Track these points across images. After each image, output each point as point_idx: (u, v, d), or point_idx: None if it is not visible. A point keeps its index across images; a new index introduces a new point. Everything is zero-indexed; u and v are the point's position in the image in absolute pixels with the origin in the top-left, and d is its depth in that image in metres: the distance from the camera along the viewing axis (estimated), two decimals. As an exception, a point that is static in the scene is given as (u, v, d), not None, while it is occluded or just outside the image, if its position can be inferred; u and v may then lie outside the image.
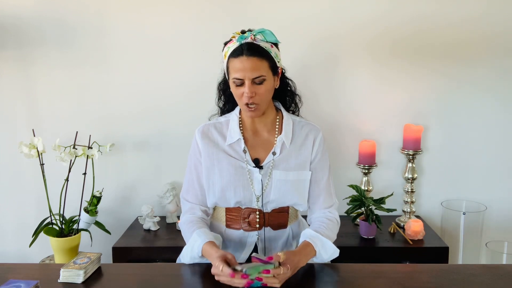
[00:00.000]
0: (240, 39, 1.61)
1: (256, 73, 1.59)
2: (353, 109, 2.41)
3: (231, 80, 1.63)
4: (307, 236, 1.62)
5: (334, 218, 1.73)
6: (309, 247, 1.58)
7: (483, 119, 2.41)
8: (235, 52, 1.61)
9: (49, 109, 2.43)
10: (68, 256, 2.12)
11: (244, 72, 1.58)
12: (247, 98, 1.60)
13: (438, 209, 2.44)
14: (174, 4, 2.33)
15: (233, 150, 1.71)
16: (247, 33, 1.63)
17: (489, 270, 1.56)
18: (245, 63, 1.58)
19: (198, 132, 1.75)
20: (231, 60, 1.62)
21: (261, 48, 1.61)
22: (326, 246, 1.61)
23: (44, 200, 2.20)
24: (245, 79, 1.59)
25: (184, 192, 1.77)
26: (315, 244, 1.59)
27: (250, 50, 1.59)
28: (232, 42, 1.64)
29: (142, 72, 2.39)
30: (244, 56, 1.59)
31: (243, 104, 1.64)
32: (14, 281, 1.38)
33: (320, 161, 1.73)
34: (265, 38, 1.63)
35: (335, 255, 1.63)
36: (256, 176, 1.68)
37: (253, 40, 1.61)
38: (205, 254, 1.55)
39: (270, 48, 1.63)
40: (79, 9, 2.34)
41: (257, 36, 1.63)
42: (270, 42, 1.64)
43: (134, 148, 2.45)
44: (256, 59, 1.59)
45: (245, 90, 1.59)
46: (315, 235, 1.61)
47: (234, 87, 1.63)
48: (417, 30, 2.33)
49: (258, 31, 1.63)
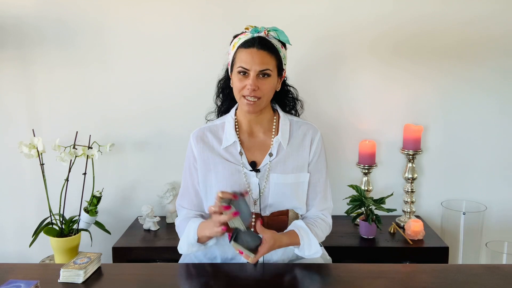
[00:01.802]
0: (253, 32, 1.63)
1: (263, 66, 1.59)
2: (353, 109, 2.41)
3: (236, 70, 1.62)
4: (296, 227, 1.63)
5: (327, 220, 1.73)
6: (295, 237, 1.59)
7: (483, 119, 2.41)
8: (246, 43, 1.61)
9: (49, 109, 2.43)
10: (68, 256, 2.12)
11: (252, 63, 1.58)
12: (249, 90, 1.59)
13: (438, 209, 2.44)
14: (174, 4, 2.33)
15: (229, 153, 1.70)
16: (260, 28, 1.65)
17: (489, 270, 1.56)
18: (254, 55, 1.59)
19: (193, 137, 1.73)
20: (240, 50, 1.62)
21: (272, 45, 1.62)
22: (312, 243, 1.61)
23: (44, 200, 2.20)
24: (251, 70, 1.59)
25: (179, 199, 1.77)
26: (301, 237, 1.60)
27: (261, 44, 1.60)
28: (244, 34, 1.65)
29: (142, 72, 2.39)
30: (255, 48, 1.59)
31: (243, 97, 1.62)
32: (14, 281, 1.38)
33: (317, 162, 1.72)
34: (278, 36, 1.64)
35: (316, 255, 1.63)
36: (253, 180, 1.67)
37: (266, 36, 1.63)
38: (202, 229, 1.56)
39: (280, 48, 1.65)
40: (79, 9, 2.34)
41: (271, 33, 1.65)
42: (281, 42, 1.66)
43: (134, 148, 2.45)
44: (266, 53, 1.60)
45: (249, 82, 1.59)
46: (304, 228, 1.62)
47: (237, 79, 1.62)
48: (418, 31, 2.33)
49: (272, 28, 1.65)
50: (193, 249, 1.61)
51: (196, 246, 1.60)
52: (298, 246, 1.61)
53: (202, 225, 1.58)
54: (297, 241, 1.60)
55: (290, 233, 1.61)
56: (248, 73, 1.60)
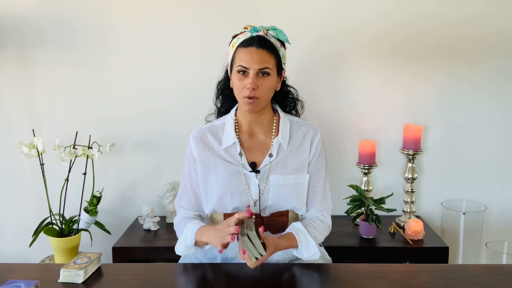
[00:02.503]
0: (252, 31, 1.63)
1: (263, 65, 1.59)
2: (353, 109, 2.41)
3: (235, 70, 1.62)
4: (294, 229, 1.62)
5: (326, 221, 1.72)
6: (293, 239, 1.58)
7: (483, 119, 2.41)
8: (245, 42, 1.61)
9: (49, 109, 2.43)
10: (68, 256, 2.12)
11: (251, 62, 1.58)
12: (249, 90, 1.58)
13: (438, 209, 2.44)
14: (174, 4, 2.33)
15: (229, 154, 1.69)
16: (259, 27, 1.65)
17: (489, 270, 1.56)
18: (253, 54, 1.59)
19: (192, 138, 1.73)
20: (240, 49, 1.61)
21: (271, 43, 1.62)
22: (310, 245, 1.60)
23: (44, 200, 2.20)
24: (251, 69, 1.58)
25: (178, 198, 1.77)
26: (299, 240, 1.59)
27: (260, 43, 1.60)
28: (243, 33, 1.65)
29: (142, 72, 2.39)
30: (254, 47, 1.59)
31: (243, 97, 1.62)
32: (14, 281, 1.38)
33: (316, 162, 1.71)
34: (277, 35, 1.64)
35: (314, 257, 1.62)
36: (253, 181, 1.66)
37: (265, 35, 1.63)
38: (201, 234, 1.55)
39: (279, 47, 1.65)
40: (79, 9, 2.34)
41: (270, 32, 1.65)
42: (280, 41, 1.65)
43: (134, 148, 2.45)
44: (265, 52, 1.60)
45: (248, 81, 1.58)
46: (302, 231, 1.61)
47: (237, 79, 1.62)
48: (418, 31, 2.33)
49: (271, 28, 1.65)
50: (190, 251, 1.62)
51: (193, 248, 1.60)
52: (296, 248, 1.60)
53: (202, 230, 1.57)
54: (295, 244, 1.59)
55: (288, 235, 1.60)
56: (247, 72, 1.59)
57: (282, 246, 1.56)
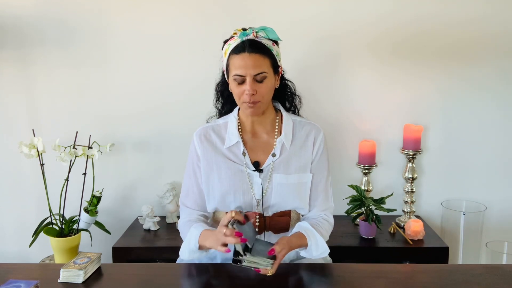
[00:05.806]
0: (242, 36, 1.59)
1: (258, 70, 1.57)
2: (353, 109, 2.41)
3: (232, 78, 1.61)
4: (302, 229, 1.61)
5: (330, 220, 1.72)
6: (302, 238, 1.58)
7: (483, 119, 2.41)
8: (236, 48, 1.59)
9: (49, 109, 2.43)
10: (68, 256, 2.12)
11: (246, 68, 1.56)
12: (248, 96, 1.57)
13: (438, 209, 2.44)
14: (174, 4, 2.33)
15: (232, 153, 1.69)
16: (249, 30, 1.62)
17: (489, 270, 1.56)
18: (247, 60, 1.56)
19: (196, 136, 1.72)
20: (232, 57, 1.59)
21: (263, 45, 1.60)
22: (319, 243, 1.60)
23: (44, 200, 2.20)
24: (247, 76, 1.57)
25: (183, 197, 1.75)
26: (308, 238, 1.58)
27: (252, 47, 1.57)
28: (233, 39, 1.62)
29: (142, 72, 2.39)
30: (246, 53, 1.57)
31: (243, 103, 1.61)
32: (14, 281, 1.38)
33: (319, 161, 1.71)
34: (267, 35, 1.61)
35: (324, 254, 1.62)
36: (256, 180, 1.66)
37: (255, 37, 1.60)
38: (204, 239, 1.54)
39: (272, 46, 1.62)
40: (79, 9, 2.34)
41: (259, 33, 1.61)
42: (271, 40, 1.63)
43: (134, 148, 2.45)
44: (258, 56, 1.57)
45: (246, 88, 1.57)
46: (310, 229, 1.61)
47: (235, 86, 1.61)
48: (417, 31, 2.33)
49: (260, 28, 1.62)
50: (194, 255, 1.60)
51: (197, 253, 1.59)
52: (306, 247, 1.60)
53: (204, 235, 1.56)
54: (305, 243, 1.58)
55: (298, 234, 1.60)
56: (244, 79, 1.58)
57: (294, 245, 1.55)
